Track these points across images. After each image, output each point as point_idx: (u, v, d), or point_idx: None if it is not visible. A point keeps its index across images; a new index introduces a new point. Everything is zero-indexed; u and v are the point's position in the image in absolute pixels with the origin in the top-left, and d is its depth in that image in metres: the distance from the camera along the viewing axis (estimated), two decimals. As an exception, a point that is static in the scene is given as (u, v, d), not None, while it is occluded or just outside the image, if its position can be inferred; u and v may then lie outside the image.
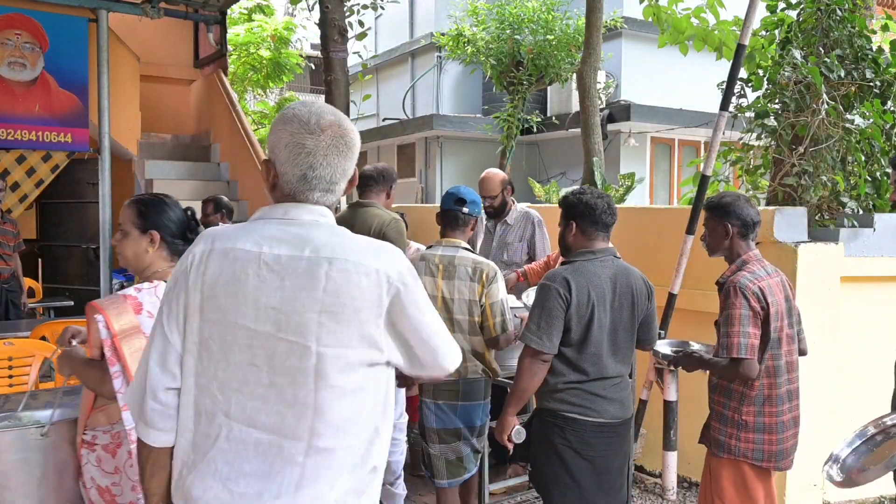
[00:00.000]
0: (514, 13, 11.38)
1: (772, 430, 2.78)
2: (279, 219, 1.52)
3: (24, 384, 3.83)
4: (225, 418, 1.45)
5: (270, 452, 1.44)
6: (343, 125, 1.57)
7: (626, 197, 8.79)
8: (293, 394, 1.43)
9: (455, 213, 3.36)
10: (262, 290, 1.45)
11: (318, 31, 7.40)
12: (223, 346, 1.46)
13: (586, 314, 2.73)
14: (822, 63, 4.51)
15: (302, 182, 1.52)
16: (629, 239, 4.35)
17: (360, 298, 1.45)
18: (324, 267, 1.44)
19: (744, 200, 2.89)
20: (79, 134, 7.17)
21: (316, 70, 16.23)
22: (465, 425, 3.27)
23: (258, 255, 1.47)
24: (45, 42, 6.98)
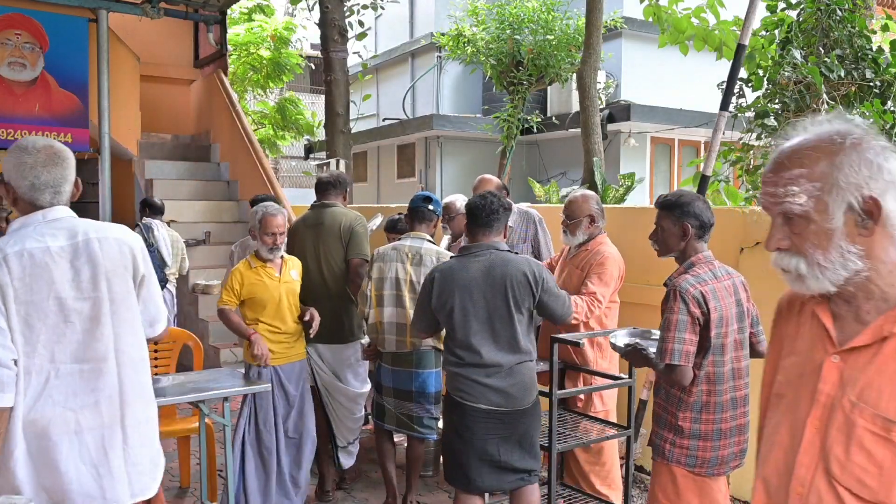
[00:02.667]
0: (514, 13, 11.39)
1: (707, 437, 2.71)
2: (42, 222, 2.11)
3: None
4: (51, 364, 2.07)
5: (93, 374, 2.12)
6: (54, 145, 2.19)
7: (626, 197, 8.79)
8: (100, 332, 2.13)
9: (422, 209, 3.87)
10: (59, 270, 2.07)
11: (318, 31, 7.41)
12: (41, 316, 2.05)
13: (447, 305, 3.04)
14: (822, 63, 4.52)
15: (32, 189, 2.10)
16: (629, 239, 4.35)
17: (122, 262, 2.19)
18: (94, 246, 2.13)
19: (702, 201, 2.85)
20: (79, 134, 7.17)
21: (316, 70, 16.24)
22: (417, 389, 3.74)
23: (47, 249, 2.06)
24: (45, 42, 6.98)
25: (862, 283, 1.22)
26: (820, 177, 1.21)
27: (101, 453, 2.13)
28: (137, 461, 2.19)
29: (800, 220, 1.23)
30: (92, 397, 2.12)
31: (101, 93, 7.14)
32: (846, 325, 1.27)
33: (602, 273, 3.64)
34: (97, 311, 2.13)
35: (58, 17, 7.06)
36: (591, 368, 3.74)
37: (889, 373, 1.19)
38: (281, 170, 18.15)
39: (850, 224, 1.20)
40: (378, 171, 15.44)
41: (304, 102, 16.07)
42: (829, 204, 1.21)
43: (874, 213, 1.19)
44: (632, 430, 3.61)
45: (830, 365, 1.26)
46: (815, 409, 1.26)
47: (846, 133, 1.23)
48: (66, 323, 2.09)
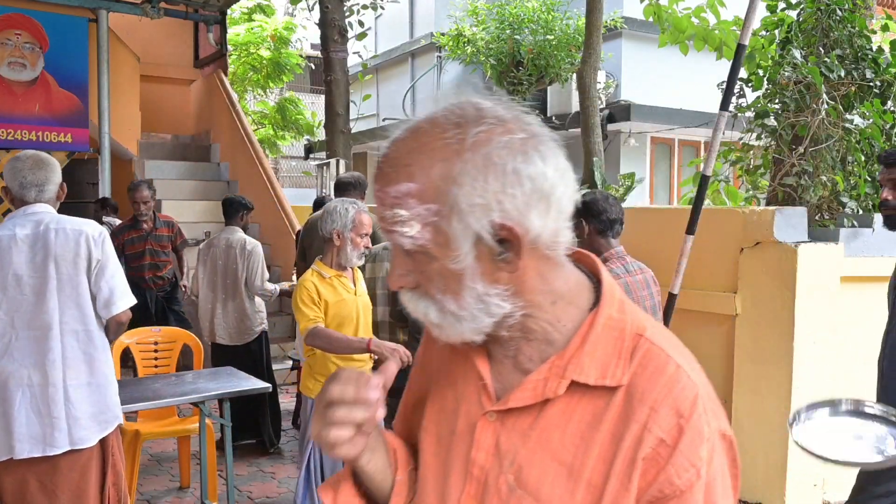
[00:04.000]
0: (514, 13, 11.39)
1: None
2: (21, 215, 2.65)
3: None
4: (12, 329, 2.58)
5: (41, 339, 2.59)
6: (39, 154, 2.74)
7: (626, 197, 8.79)
8: (46, 305, 2.59)
9: None
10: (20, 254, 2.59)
11: (318, 31, 7.41)
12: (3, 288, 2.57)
13: None
14: (822, 63, 4.51)
15: (21, 188, 2.65)
16: (629, 239, 4.34)
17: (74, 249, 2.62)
18: (49, 236, 2.60)
19: (603, 198, 2.88)
20: (79, 134, 7.17)
21: (316, 70, 16.24)
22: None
23: (13, 236, 2.59)
24: (45, 42, 6.98)
25: (518, 324, 0.89)
26: (434, 195, 0.82)
27: (46, 406, 2.59)
28: (78, 416, 2.63)
29: (419, 254, 0.86)
30: (41, 358, 2.59)
31: (101, 93, 7.14)
32: (505, 373, 0.93)
33: None
34: (43, 288, 2.59)
35: (58, 17, 7.06)
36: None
37: (553, 449, 0.87)
38: (281, 170, 18.14)
39: (484, 260, 0.84)
40: (378, 171, 15.43)
41: (304, 102, 16.07)
42: (450, 236, 0.83)
43: (514, 244, 0.83)
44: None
45: (485, 425, 0.91)
46: (469, 484, 0.92)
47: (470, 120, 0.83)
48: (21, 295, 2.59)
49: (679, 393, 0.84)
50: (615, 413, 0.85)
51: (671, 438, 0.82)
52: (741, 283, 4.13)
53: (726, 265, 4.20)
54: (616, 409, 0.85)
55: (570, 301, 0.90)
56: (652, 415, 0.83)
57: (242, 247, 4.78)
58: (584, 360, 0.86)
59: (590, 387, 0.86)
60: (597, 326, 0.88)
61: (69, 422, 2.61)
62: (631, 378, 0.85)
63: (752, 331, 4.08)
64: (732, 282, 4.17)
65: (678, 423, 0.82)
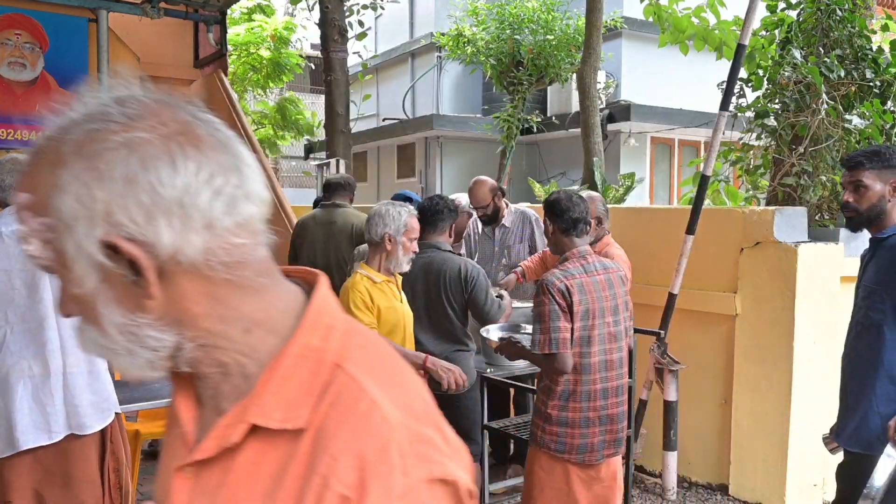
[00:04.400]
0: (514, 13, 11.38)
1: (574, 424, 2.79)
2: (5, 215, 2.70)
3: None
4: (6, 323, 2.63)
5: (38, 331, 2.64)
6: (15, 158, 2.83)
7: (626, 197, 8.79)
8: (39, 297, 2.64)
9: None
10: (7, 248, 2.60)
11: (318, 31, 7.41)
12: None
13: None
14: (822, 63, 4.51)
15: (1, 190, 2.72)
16: (629, 239, 4.35)
17: None
18: None
19: (567, 197, 2.90)
20: (79, 134, 7.17)
21: (316, 70, 16.24)
22: None
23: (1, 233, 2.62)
24: (45, 42, 6.98)
25: (203, 358, 0.75)
26: (45, 208, 0.70)
27: (48, 395, 2.67)
28: (77, 403, 2.72)
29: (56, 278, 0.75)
30: (40, 349, 2.66)
31: (101, 93, 7.14)
32: (207, 417, 0.79)
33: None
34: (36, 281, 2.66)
35: (58, 17, 7.05)
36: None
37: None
38: (281, 170, 18.14)
39: (115, 284, 0.71)
40: (378, 171, 15.44)
41: (304, 102, 16.07)
42: (67, 255, 0.70)
43: (136, 265, 0.69)
44: (632, 429, 3.61)
45: (181, 482, 0.77)
46: None
47: (91, 117, 0.70)
48: (13, 290, 2.65)
49: (366, 437, 0.68)
50: (300, 463, 0.70)
51: (356, 495, 0.67)
52: (741, 283, 4.14)
53: (726, 265, 4.20)
54: (301, 459, 0.70)
55: (271, 329, 0.75)
56: (333, 465, 0.68)
57: None
58: (267, 399, 0.72)
59: (275, 431, 0.72)
60: (286, 358, 0.73)
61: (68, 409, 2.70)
62: (321, 420, 0.70)
63: (752, 331, 4.09)
64: (732, 282, 4.17)
65: (360, 475, 0.67)
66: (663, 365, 4.09)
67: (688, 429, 4.31)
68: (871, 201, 2.52)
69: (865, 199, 2.53)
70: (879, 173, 2.50)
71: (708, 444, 4.32)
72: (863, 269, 2.65)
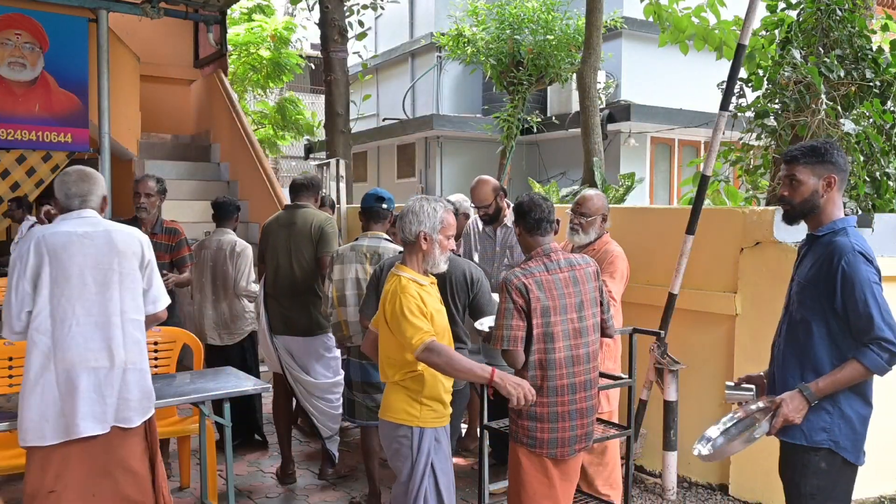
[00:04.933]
0: (514, 13, 11.38)
1: (543, 419, 2.83)
2: (76, 219, 2.94)
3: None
4: (73, 315, 2.83)
5: (104, 326, 2.88)
6: (83, 169, 3.04)
7: (626, 197, 8.78)
8: (110, 295, 2.90)
9: (376, 209, 3.97)
10: (83, 247, 2.87)
11: (318, 31, 7.41)
12: (67, 278, 2.83)
13: None
14: (821, 63, 4.51)
15: (67, 198, 2.97)
16: (629, 239, 4.35)
17: (132, 249, 2.98)
18: (112, 234, 2.95)
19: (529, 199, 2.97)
20: (79, 134, 7.17)
21: (316, 70, 16.23)
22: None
23: (73, 233, 2.88)
24: (45, 42, 6.98)
25: None
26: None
27: (109, 387, 2.87)
28: (128, 398, 2.92)
29: None
30: (106, 343, 2.87)
31: (101, 93, 7.14)
32: None
33: (614, 272, 3.74)
34: (107, 280, 2.89)
35: (58, 17, 7.05)
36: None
37: None
38: (281, 170, 18.14)
39: None
40: (378, 171, 15.44)
41: (304, 102, 16.07)
42: None
43: None
44: (632, 429, 3.61)
45: None
46: None
47: None
48: (84, 286, 2.85)
49: None
50: None
51: None
52: (741, 283, 4.13)
53: (726, 265, 4.20)
54: None
55: None
56: None
57: (233, 249, 4.87)
58: None
59: None
60: None
61: (119, 403, 2.90)
62: None
63: (752, 331, 4.08)
64: (732, 282, 4.18)
65: None
66: (663, 365, 4.09)
67: (688, 429, 4.31)
68: (803, 195, 2.57)
69: (798, 193, 2.58)
70: (814, 168, 2.55)
71: (708, 444, 4.32)
72: (798, 263, 2.71)
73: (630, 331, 3.68)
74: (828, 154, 2.55)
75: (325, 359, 4.49)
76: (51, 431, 2.79)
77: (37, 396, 2.79)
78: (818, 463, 2.52)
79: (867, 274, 2.43)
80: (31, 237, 2.90)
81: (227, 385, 3.69)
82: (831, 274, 2.46)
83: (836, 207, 2.58)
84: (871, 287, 2.42)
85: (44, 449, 2.81)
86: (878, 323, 2.38)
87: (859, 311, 2.41)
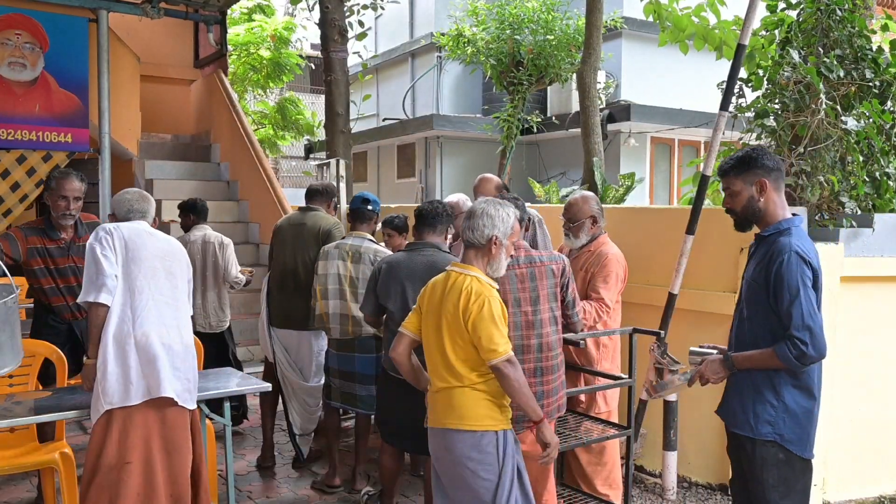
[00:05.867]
0: (514, 13, 11.38)
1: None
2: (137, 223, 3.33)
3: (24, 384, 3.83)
4: (148, 290, 3.17)
5: (174, 308, 3.24)
6: (142, 192, 3.42)
7: (626, 197, 8.78)
8: (175, 283, 3.29)
9: (361, 210, 4.26)
10: (153, 240, 3.28)
11: (318, 31, 7.41)
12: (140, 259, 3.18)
13: (391, 291, 3.50)
14: (821, 63, 4.51)
15: (129, 212, 3.33)
16: (629, 239, 4.35)
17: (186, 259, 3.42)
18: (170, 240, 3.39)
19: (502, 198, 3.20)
20: (79, 134, 7.16)
21: (316, 70, 16.23)
22: (359, 371, 4.14)
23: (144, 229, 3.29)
24: (45, 42, 6.98)
25: None
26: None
27: (180, 360, 3.18)
28: (190, 378, 3.25)
29: None
30: (174, 322, 3.22)
31: (101, 93, 7.14)
32: None
33: (607, 276, 3.71)
34: (172, 270, 3.28)
35: (58, 17, 7.05)
36: (593, 369, 3.74)
37: None
38: (281, 170, 18.14)
39: None
40: (378, 171, 15.44)
41: (304, 102, 16.06)
42: None
43: None
44: (632, 429, 3.61)
45: None
46: None
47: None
48: (155, 273, 3.20)
49: None
50: None
51: None
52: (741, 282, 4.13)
53: (726, 265, 4.20)
54: None
55: None
56: None
57: (221, 242, 5.23)
58: None
59: None
60: None
61: (184, 382, 3.20)
62: None
63: (751, 331, 4.08)
64: (732, 282, 4.17)
65: None
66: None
67: (688, 429, 4.31)
68: (742, 203, 2.71)
69: (737, 202, 2.72)
70: (744, 177, 2.69)
71: (708, 444, 4.32)
72: (747, 263, 2.81)
73: (630, 331, 3.68)
74: (753, 161, 2.68)
75: (318, 361, 4.62)
76: (135, 392, 3.06)
77: (120, 363, 3.05)
78: (776, 454, 2.60)
79: (798, 274, 2.52)
80: (103, 227, 3.21)
81: (226, 385, 3.69)
82: (769, 272, 2.57)
83: (778, 208, 2.68)
84: (798, 287, 2.51)
85: (125, 416, 3.06)
86: (797, 322, 2.50)
87: (783, 309, 2.53)
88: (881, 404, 4.30)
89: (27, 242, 4.03)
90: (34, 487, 4.23)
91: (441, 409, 2.73)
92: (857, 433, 4.18)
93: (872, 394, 4.24)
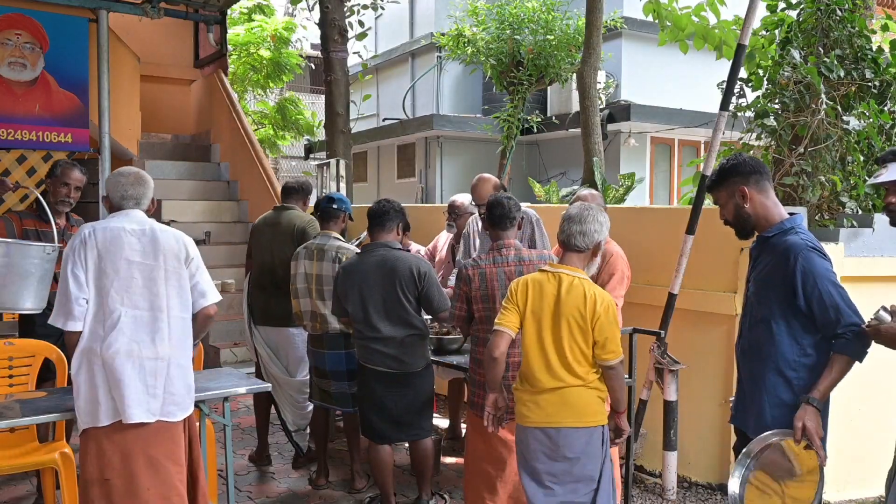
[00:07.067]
0: (514, 13, 11.38)
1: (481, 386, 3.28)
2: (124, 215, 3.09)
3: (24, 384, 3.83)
4: (122, 307, 2.96)
5: (151, 320, 3.00)
6: (139, 172, 3.21)
7: (626, 197, 8.78)
8: (156, 290, 3.02)
9: (328, 209, 4.37)
10: (132, 243, 3.01)
11: (318, 31, 7.40)
12: (115, 271, 2.96)
13: (348, 292, 3.78)
14: (821, 63, 4.51)
15: (122, 199, 3.11)
16: (629, 239, 4.35)
17: (176, 247, 3.09)
18: (157, 232, 3.07)
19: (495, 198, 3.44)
20: (79, 134, 7.16)
21: (316, 70, 16.24)
22: (330, 368, 4.22)
23: (123, 228, 3.03)
24: (45, 42, 6.97)
25: None
26: None
27: (152, 378, 2.96)
28: (173, 391, 3.03)
29: None
30: (149, 336, 2.98)
31: (101, 93, 7.14)
32: None
33: (613, 272, 3.83)
34: (154, 275, 3.01)
35: (58, 17, 7.05)
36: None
37: None
38: (281, 170, 18.13)
39: None
40: (378, 171, 15.44)
41: (304, 102, 16.06)
42: None
43: None
44: (632, 429, 3.61)
45: None
46: None
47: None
48: (132, 278, 2.98)
49: None
50: None
51: None
52: (741, 283, 4.13)
53: (726, 265, 4.20)
54: None
55: None
56: None
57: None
58: None
59: None
60: None
61: (165, 396, 3.00)
62: None
63: (751, 331, 4.08)
64: (732, 282, 4.17)
65: None
66: (663, 365, 4.09)
67: (688, 429, 4.31)
68: (732, 213, 2.74)
69: (728, 212, 2.75)
70: (726, 188, 2.72)
71: (708, 444, 4.32)
72: (752, 265, 2.80)
73: (630, 331, 3.68)
74: (728, 171, 2.71)
75: (299, 355, 4.67)
76: (104, 413, 2.92)
77: (87, 382, 2.92)
78: None
79: (824, 267, 2.51)
80: (81, 231, 3.02)
81: (226, 385, 3.69)
82: (789, 273, 2.53)
83: (771, 209, 2.68)
84: (830, 279, 2.50)
85: (99, 434, 2.94)
86: (845, 310, 2.47)
87: (825, 304, 2.48)
88: (881, 404, 4.30)
89: (22, 224, 4.18)
90: (34, 487, 4.23)
91: (553, 409, 2.79)
92: (856, 433, 4.18)
93: (872, 394, 4.24)
